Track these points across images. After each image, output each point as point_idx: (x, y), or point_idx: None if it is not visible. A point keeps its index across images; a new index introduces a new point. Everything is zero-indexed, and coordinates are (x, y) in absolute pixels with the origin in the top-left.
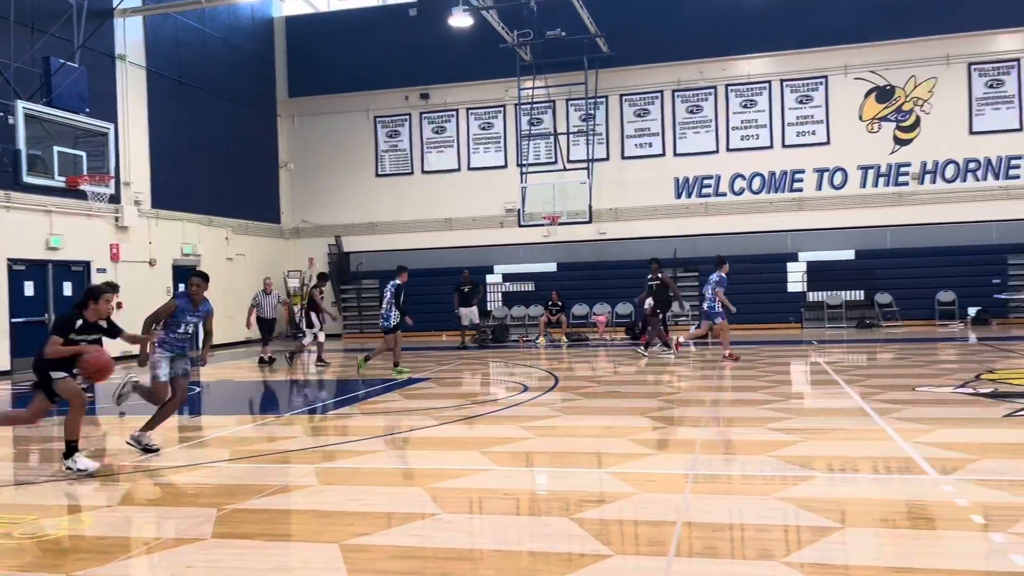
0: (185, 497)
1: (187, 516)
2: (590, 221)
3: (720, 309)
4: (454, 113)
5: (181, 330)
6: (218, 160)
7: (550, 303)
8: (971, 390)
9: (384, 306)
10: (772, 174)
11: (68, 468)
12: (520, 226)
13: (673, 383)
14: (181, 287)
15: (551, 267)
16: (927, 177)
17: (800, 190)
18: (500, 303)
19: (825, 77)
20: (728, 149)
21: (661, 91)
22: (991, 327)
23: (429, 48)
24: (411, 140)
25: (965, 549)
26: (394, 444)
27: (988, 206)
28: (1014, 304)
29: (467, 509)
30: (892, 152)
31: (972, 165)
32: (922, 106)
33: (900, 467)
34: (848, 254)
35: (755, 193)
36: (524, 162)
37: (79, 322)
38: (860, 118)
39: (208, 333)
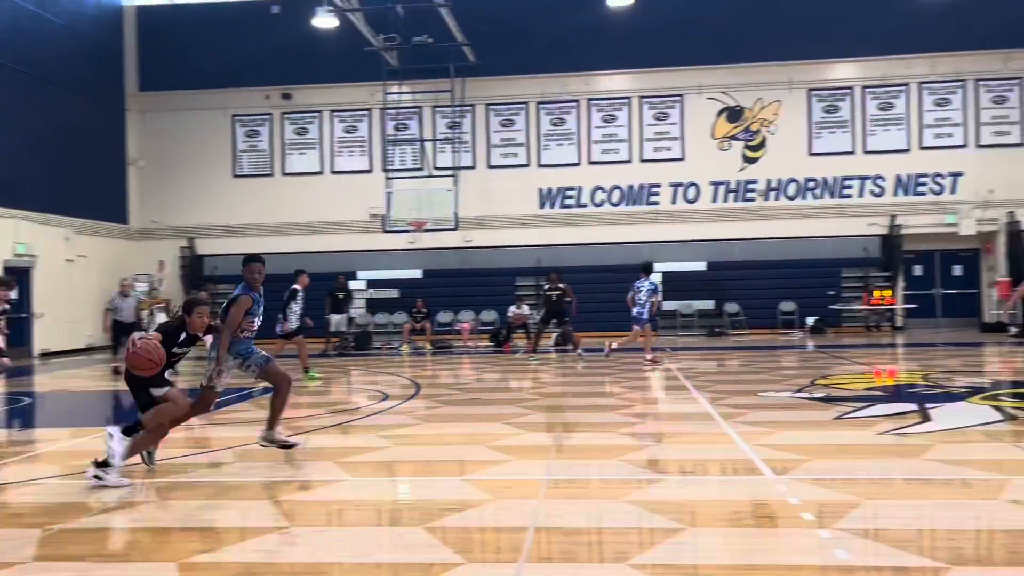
0: (5, 517)
1: (5, 538)
2: (456, 228)
3: (647, 316)
4: (318, 115)
5: (256, 325)
6: (58, 155)
7: (415, 310)
8: (807, 395)
9: (286, 311)
10: (631, 187)
11: (96, 477)
12: (385, 232)
13: (534, 389)
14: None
15: (416, 274)
16: (772, 194)
17: (657, 203)
18: (364, 310)
19: (681, 96)
20: (590, 162)
21: (526, 103)
22: (826, 335)
23: (292, 47)
24: (272, 141)
25: (797, 545)
26: (243, 456)
27: (825, 223)
28: (846, 314)
29: (319, 522)
30: (741, 169)
31: (811, 184)
32: (768, 127)
33: (741, 469)
34: (700, 265)
35: (615, 205)
36: (390, 167)
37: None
38: (712, 136)
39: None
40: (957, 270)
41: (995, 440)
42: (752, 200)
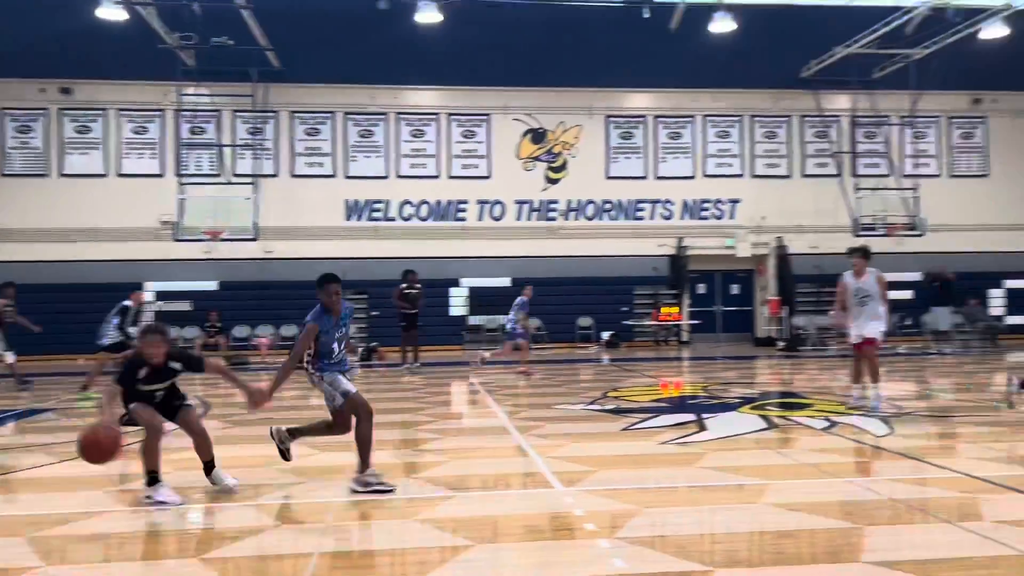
0: None
1: None
2: (256, 239)
3: (522, 330)
4: (102, 113)
5: (335, 352)
6: None
7: (207, 324)
8: (599, 407)
9: (109, 326)
10: (439, 203)
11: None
12: (176, 240)
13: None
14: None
15: (212, 285)
16: (572, 214)
17: (464, 219)
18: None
19: (488, 115)
20: (398, 176)
21: (333, 112)
22: (620, 349)
23: (74, 38)
24: (48, 138)
25: (579, 557)
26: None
27: (620, 243)
28: (638, 329)
29: (77, 559)
30: (544, 189)
31: (607, 206)
32: (569, 150)
33: (532, 482)
34: (505, 281)
35: (423, 220)
36: (184, 172)
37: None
38: (517, 156)
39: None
40: (735, 289)
41: (761, 447)
42: (554, 219)
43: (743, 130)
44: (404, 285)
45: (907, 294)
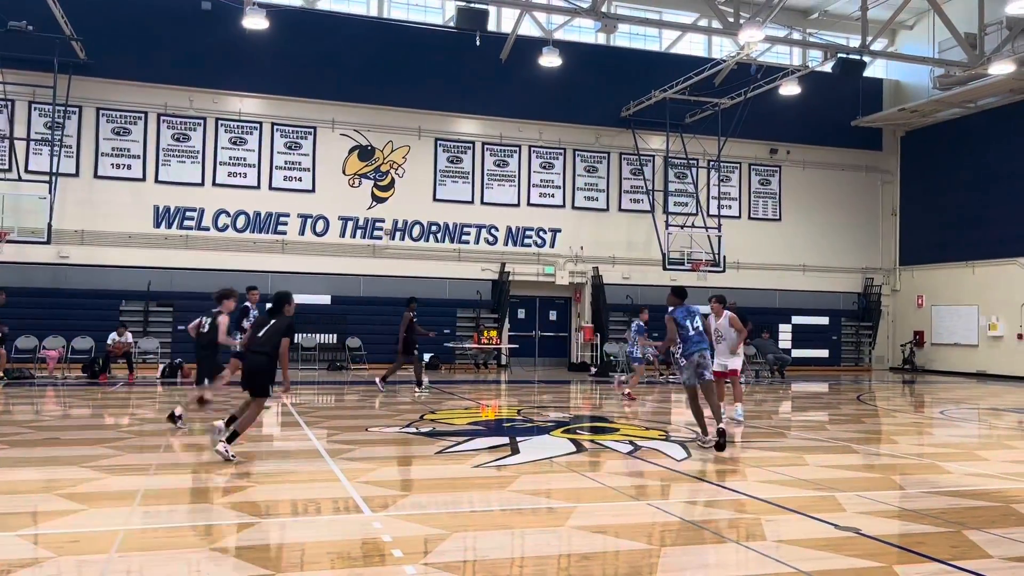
0: None
1: None
2: (49, 242)
3: (640, 355)
4: None
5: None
6: None
7: None
8: (415, 430)
9: None
10: (258, 214)
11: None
12: None
13: (130, 427)
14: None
15: None
16: (398, 234)
17: (284, 233)
18: None
19: (314, 128)
20: (215, 183)
21: (146, 112)
22: (441, 371)
23: None
24: None
25: None
26: None
27: (445, 265)
28: (459, 352)
29: None
30: (370, 207)
31: (434, 228)
32: (397, 169)
33: (341, 507)
34: (325, 299)
35: (239, 231)
36: None
37: None
38: (343, 172)
39: None
40: (553, 315)
41: (571, 470)
42: (379, 238)
43: (566, 163)
44: (413, 314)
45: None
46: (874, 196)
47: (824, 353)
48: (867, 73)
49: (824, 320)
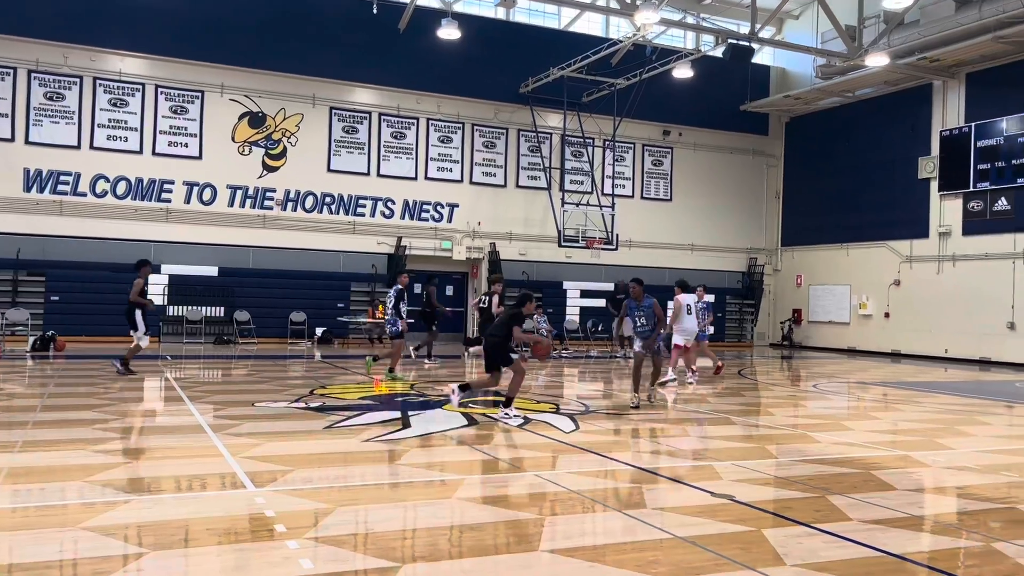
0: None
1: None
2: None
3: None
4: None
5: (637, 322)
6: None
7: None
8: (303, 405)
9: None
10: (140, 181)
11: (506, 414)
12: None
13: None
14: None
15: None
16: (290, 204)
17: (168, 201)
18: None
19: (202, 92)
20: (92, 147)
21: (15, 68)
22: (334, 346)
23: None
24: None
25: (265, 559)
26: None
27: (339, 238)
28: (353, 326)
29: None
30: (260, 176)
31: (328, 199)
32: (289, 138)
33: (222, 483)
34: (212, 270)
35: (120, 198)
36: None
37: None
38: (233, 139)
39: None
40: (449, 290)
41: (461, 443)
42: (270, 208)
43: (464, 137)
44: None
45: (600, 302)
46: (759, 179)
47: (709, 329)
48: (756, 60)
49: (710, 298)
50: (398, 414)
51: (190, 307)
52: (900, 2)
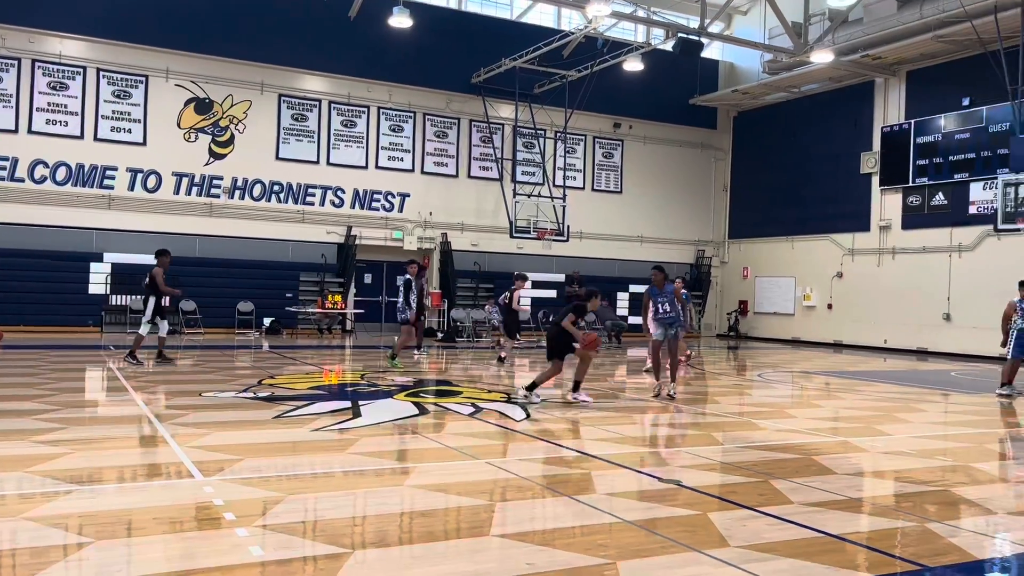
0: None
1: None
2: None
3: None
4: None
5: (660, 308)
6: None
7: None
8: (252, 394)
9: None
10: (81, 167)
11: (575, 398)
12: None
13: None
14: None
15: None
16: (237, 193)
17: (111, 188)
18: None
19: (146, 77)
20: (30, 131)
21: None
22: (282, 336)
23: None
24: None
25: (213, 548)
26: None
27: (287, 227)
28: (302, 316)
29: None
30: (207, 164)
31: (276, 188)
32: (237, 125)
33: (169, 472)
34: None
35: (60, 184)
36: None
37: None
38: (179, 125)
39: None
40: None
41: (412, 432)
42: (217, 196)
43: (416, 126)
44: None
45: (552, 293)
46: (708, 172)
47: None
48: (705, 54)
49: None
50: (348, 404)
51: (134, 297)
52: (844, 0)
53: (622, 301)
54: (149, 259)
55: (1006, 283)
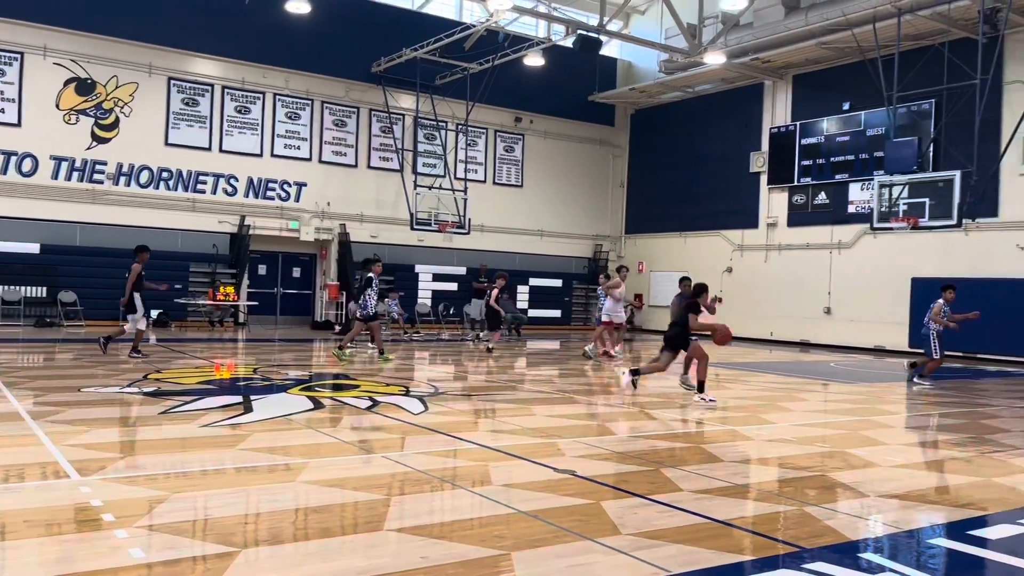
0: None
1: None
2: None
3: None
4: None
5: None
6: None
7: None
8: (137, 389)
9: None
10: None
11: (702, 399)
12: None
13: None
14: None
15: None
16: (123, 179)
17: None
18: None
19: (21, 54)
20: None
21: None
22: (171, 329)
23: None
24: None
25: (90, 551)
26: None
27: (177, 215)
28: (192, 308)
29: None
30: (89, 148)
31: (165, 175)
32: (123, 108)
33: (42, 473)
34: (33, 247)
35: None
36: None
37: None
38: (58, 106)
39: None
40: (296, 272)
41: (306, 427)
42: (101, 183)
43: (313, 114)
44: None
45: (452, 286)
46: (606, 168)
47: (557, 313)
48: (604, 52)
49: (558, 282)
50: (240, 399)
51: (7, 287)
52: (735, 4)
53: (522, 294)
54: (26, 247)
55: (881, 279)
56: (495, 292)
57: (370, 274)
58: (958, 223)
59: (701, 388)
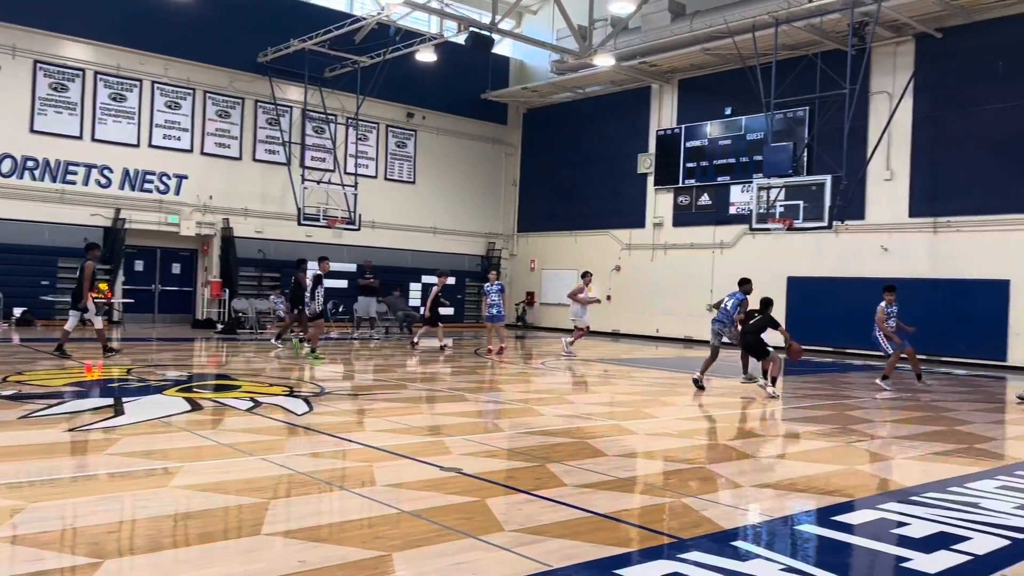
0: None
1: None
2: None
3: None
4: None
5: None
6: None
7: None
8: None
9: None
10: None
11: (761, 386)
12: None
13: None
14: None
15: None
16: None
17: None
18: None
19: None
20: None
21: None
22: (36, 328)
23: None
24: None
25: None
26: None
27: (44, 207)
28: (59, 306)
29: None
30: None
31: (31, 164)
32: None
33: None
34: None
35: None
36: None
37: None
38: None
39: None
40: (176, 268)
41: (182, 429)
42: None
43: (195, 104)
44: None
45: (343, 283)
46: (498, 166)
47: (450, 311)
48: (497, 51)
49: (451, 280)
50: (111, 401)
51: None
52: (624, 8)
53: (415, 291)
54: None
55: (759, 278)
56: (435, 290)
57: (319, 272)
58: (829, 225)
59: (774, 382)
